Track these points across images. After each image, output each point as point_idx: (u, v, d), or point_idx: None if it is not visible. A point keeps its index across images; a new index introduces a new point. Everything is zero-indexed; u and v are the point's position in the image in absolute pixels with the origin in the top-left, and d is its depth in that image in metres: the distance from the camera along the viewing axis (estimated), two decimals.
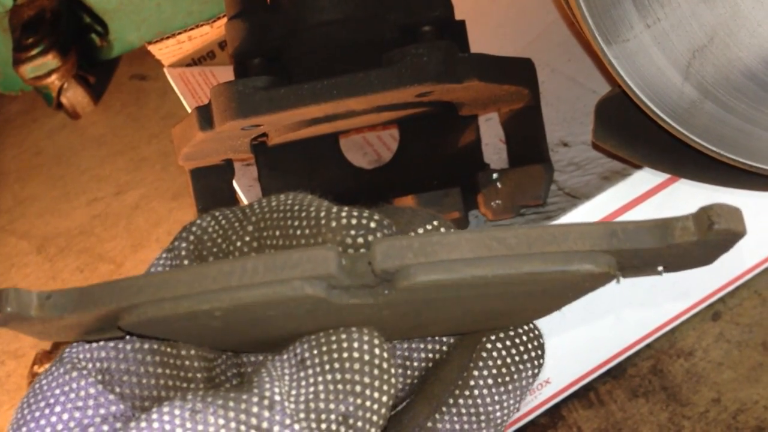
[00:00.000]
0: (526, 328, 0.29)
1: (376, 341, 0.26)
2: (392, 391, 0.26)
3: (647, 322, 0.53)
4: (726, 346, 0.52)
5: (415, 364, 0.30)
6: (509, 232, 0.23)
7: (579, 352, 0.51)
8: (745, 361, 0.51)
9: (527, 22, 0.61)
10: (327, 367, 0.25)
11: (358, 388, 0.25)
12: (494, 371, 0.28)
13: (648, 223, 0.24)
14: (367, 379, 0.25)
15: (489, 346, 0.29)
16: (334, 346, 0.25)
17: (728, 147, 0.39)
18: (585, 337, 0.50)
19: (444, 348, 0.30)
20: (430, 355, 0.30)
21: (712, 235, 0.24)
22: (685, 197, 0.47)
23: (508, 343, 0.29)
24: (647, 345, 0.53)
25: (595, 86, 0.55)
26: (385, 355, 0.26)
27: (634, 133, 0.42)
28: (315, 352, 0.26)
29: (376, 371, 0.25)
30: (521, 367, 0.29)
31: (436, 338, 0.30)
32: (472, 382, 0.28)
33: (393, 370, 0.26)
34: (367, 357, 0.25)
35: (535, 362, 0.29)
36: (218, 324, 0.25)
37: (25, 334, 0.27)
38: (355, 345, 0.25)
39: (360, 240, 0.25)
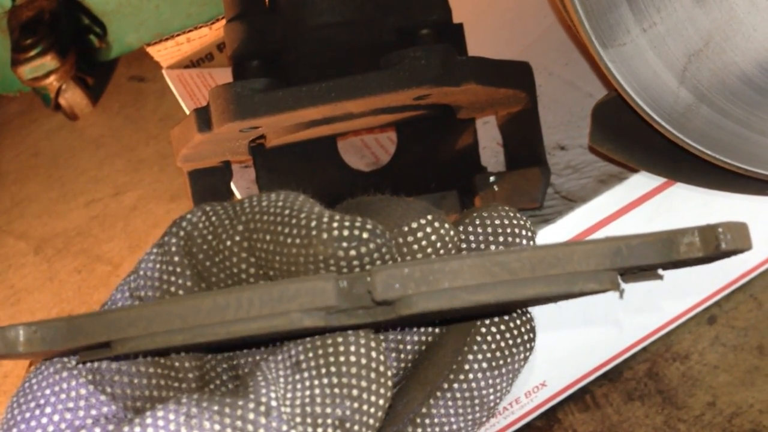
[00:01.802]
0: (518, 311, 0.29)
1: (372, 344, 0.25)
2: (389, 393, 0.26)
3: (643, 326, 0.53)
4: (721, 349, 0.52)
5: (408, 347, 0.30)
6: (512, 256, 0.23)
7: (575, 356, 0.51)
8: (740, 364, 0.51)
9: (525, 26, 0.62)
10: (323, 370, 0.25)
11: (354, 392, 0.25)
12: (488, 355, 0.28)
13: (652, 237, 0.24)
14: (363, 383, 0.25)
15: (483, 330, 0.29)
16: (330, 350, 0.25)
17: (724, 151, 0.39)
18: (581, 340, 0.50)
19: (437, 331, 0.30)
20: (423, 338, 0.30)
21: (719, 254, 0.24)
22: (682, 201, 0.47)
23: (502, 327, 0.29)
24: (643, 348, 0.53)
25: (592, 90, 0.55)
26: (381, 357, 0.25)
27: (630, 137, 0.42)
28: (310, 354, 0.25)
29: (372, 375, 0.25)
30: (514, 350, 0.29)
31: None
32: (466, 366, 0.28)
33: (389, 373, 0.26)
34: (363, 360, 0.25)
35: (528, 345, 0.29)
36: (213, 343, 0.25)
37: (14, 360, 0.27)
38: (351, 348, 0.25)
39: (352, 252, 0.25)
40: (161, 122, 0.95)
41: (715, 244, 0.23)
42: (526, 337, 0.29)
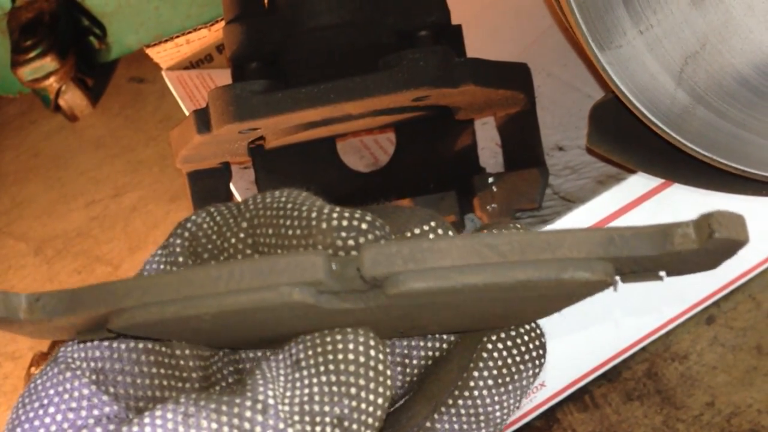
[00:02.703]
0: (527, 327, 0.29)
1: (372, 342, 0.26)
2: (388, 393, 0.26)
3: (642, 326, 0.53)
4: (720, 349, 0.52)
5: (414, 362, 0.30)
6: (502, 239, 0.23)
7: (574, 356, 0.51)
8: (739, 364, 0.51)
9: (523, 27, 0.62)
10: (322, 368, 0.25)
11: (353, 390, 0.25)
12: (495, 372, 0.28)
13: (646, 229, 0.24)
14: (362, 381, 0.25)
15: (490, 346, 0.28)
16: (329, 348, 0.25)
17: (721, 152, 0.39)
18: (580, 340, 0.51)
19: (444, 346, 0.30)
20: (430, 353, 0.30)
21: (713, 244, 0.23)
22: (679, 201, 0.47)
23: (509, 343, 0.29)
24: (642, 348, 0.53)
25: (590, 91, 0.55)
26: (381, 356, 0.25)
27: (627, 138, 0.43)
28: (310, 353, 0.26)
29: (371, 373, 0.25)
30: (522, 367, 0.29)
31: (437, 336, 0.30)
32: (471, 383, 0.28)
33: (388, 372, 0.26)
34: (362, 359, 0.25)
35: (536, 362, 0.29)
36: (208, 326, 0.25)
37: (16, 334, 0.27)
38: (350, 346, 0.25)
39: (351, 242, 0.25)
40: (161, 123, 0.95)
41: (708, 232, 0.23)
42: (534, 354, 0.29)
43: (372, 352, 0.25)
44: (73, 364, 0.27)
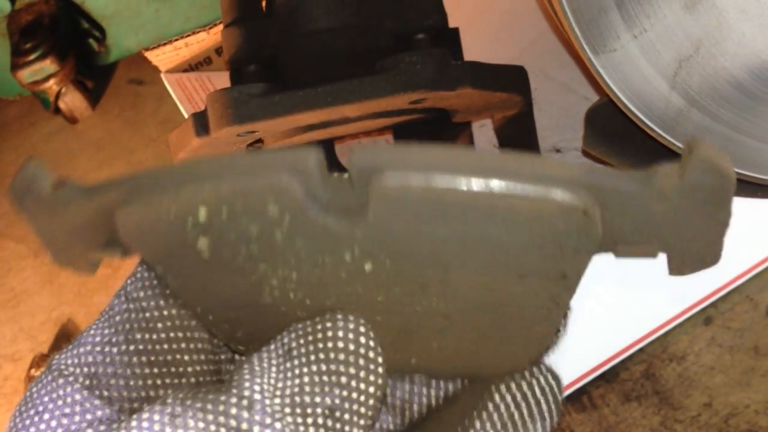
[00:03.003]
0: (542, 380, 0.28)
1: (362, 329, 0.25)
2: (380, 381, 0.25)
3: (640, 327, 0.53)
4: (718, 350, 0.52)
5: (415, 407, 0.29)
6: (489, 154, 0.23)
7: (572, 357, 0.52)
8: (736, 365, 0.51)
9: (520, 30, 0.62)
10: (312, 357, 0.25)
11: (343, 380, 0.25)
12: (498, 425, 0.27)
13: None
14: (352, 370, 0.25)
15: (497, 396, 0.27)
16: (320, 335, 0.25)
17: None
18: (578, 341, 0.51)
19: (450, 395, 0.29)
20: (433, 401, 0.29)
21: (696, 169, 0.23)
22: None
23: (518, 396, 0.27)
24: (640, 349, 0.54)
25: (587, 93, 0.55)
26: (371, 343, 0.25)
27: (623, 141, 0.43)
28: (301, 341, 0.25)
29: (361, 361, 0.25)
30: (529, 421, 0.27)
31: (440, 384, 0.29)
32: None
33: (380, 359, 0.25)
34: (352, 346, 0.25)
35: (546, 416, 0.28)
36: (205, 248, 0.25)
37: (34, 231, 0.28)
38: (340, 334, 0.25)
39: None
40: (161, 125, 0.95)
41: (688, 151, 0.23)
42: (545, 408, 0.28)
43: (362, 339, 0.25)
44: (66, 371, 0.28)
